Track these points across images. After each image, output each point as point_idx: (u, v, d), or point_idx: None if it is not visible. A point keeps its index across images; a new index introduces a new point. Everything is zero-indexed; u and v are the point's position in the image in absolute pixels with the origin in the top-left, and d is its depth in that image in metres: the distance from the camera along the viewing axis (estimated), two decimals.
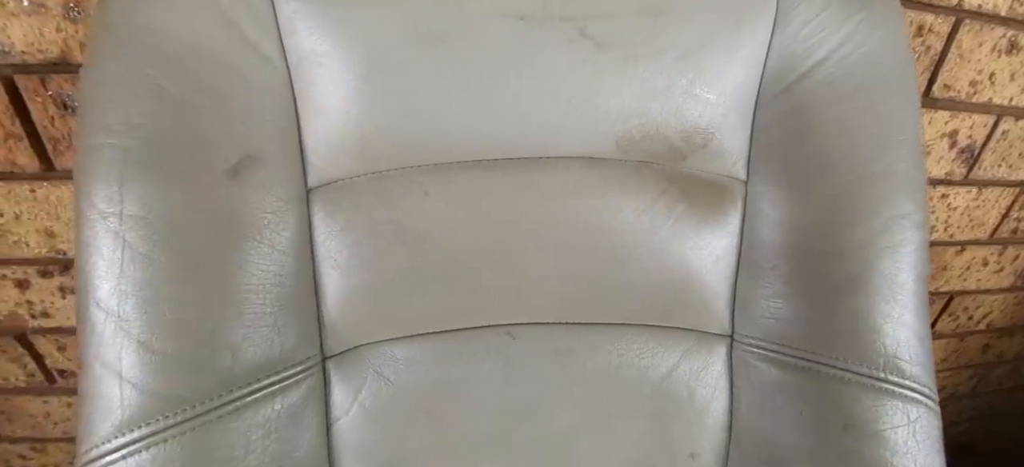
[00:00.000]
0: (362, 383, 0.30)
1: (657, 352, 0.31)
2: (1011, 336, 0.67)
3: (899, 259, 0.28)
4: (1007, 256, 0.59)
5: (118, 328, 0.23)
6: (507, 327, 0.30)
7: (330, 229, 0.28)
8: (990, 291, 0.61)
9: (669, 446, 0.32)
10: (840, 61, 0.28)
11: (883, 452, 0.28)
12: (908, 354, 0.28)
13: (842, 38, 0.28)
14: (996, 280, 0.60)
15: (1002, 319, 0.64)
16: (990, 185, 0.53)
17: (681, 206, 0.31)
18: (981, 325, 0.64)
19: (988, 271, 0.59)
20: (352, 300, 0.29)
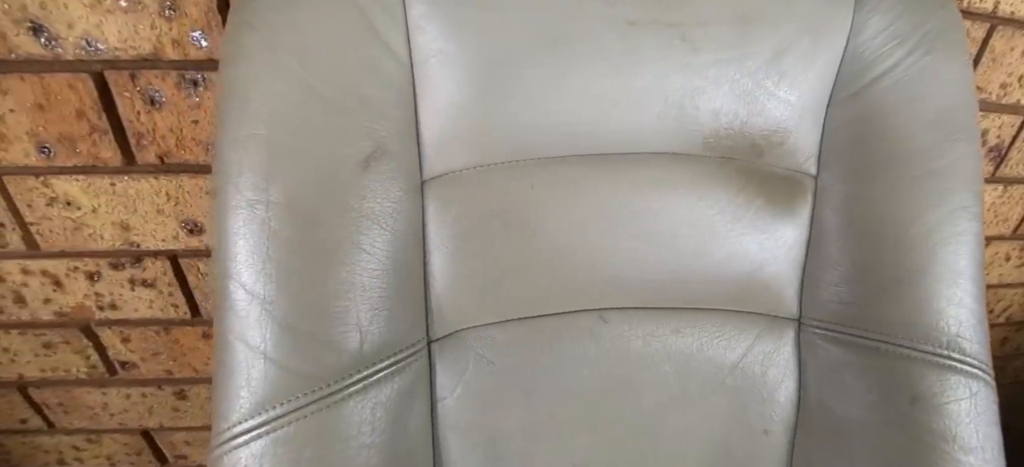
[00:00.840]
0: (465, 365, 0.32)
1: (734, 335, 0.34)
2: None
3: (960, 247, 0.31)
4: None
5: (263, 310, 0.25)
6: (599, 311, 0.33)
7: (443, 218, 0.30)
8: (1011, 285, 0.64)
9: (745, 423, 0.34)
10: (907, 68, 0.31)
11: (948, 422, 0.30)
12: (969, 333, 0.31)
13: (910, 47, 0.31)
14: (1017, 275, 0.64)
15: (1021, 313, 0.68)
16: (1015, 183, 0.56)
17: (759, 200, 0.33)
18: (1001, 318, 0.67)
19: (1010, 266, 0.63)
20: (458, 286, 0.31)
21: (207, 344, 0.52)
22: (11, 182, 0.42)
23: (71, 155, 0.41)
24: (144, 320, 0.50)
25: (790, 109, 0.32)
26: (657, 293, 0.33)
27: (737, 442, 0.34)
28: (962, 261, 0.31)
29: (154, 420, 0.57)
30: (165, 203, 0.44)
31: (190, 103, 0.39)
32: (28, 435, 0.58)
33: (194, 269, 0.47)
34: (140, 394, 0.55)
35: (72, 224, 0.44)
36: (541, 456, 0.32)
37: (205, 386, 0.55)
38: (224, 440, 0.25)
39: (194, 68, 0.38)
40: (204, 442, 0.60)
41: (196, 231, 0.45)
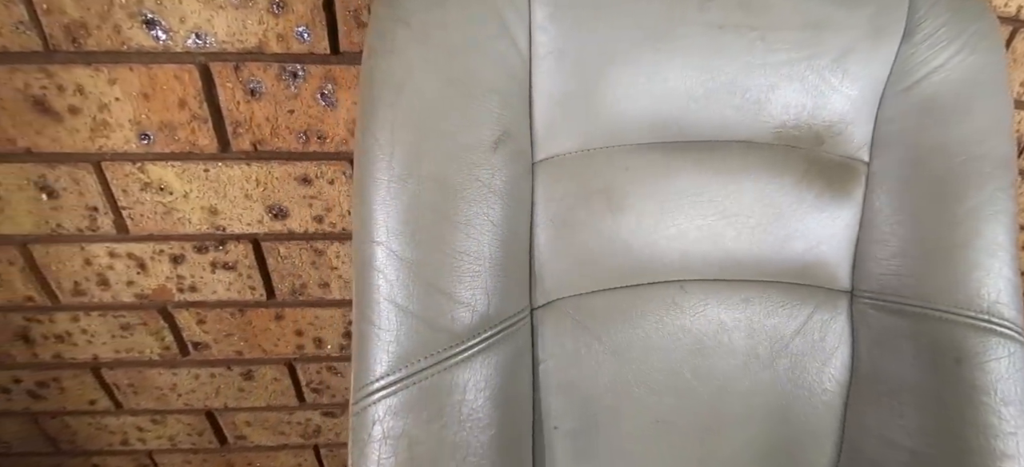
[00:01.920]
0: (564, 330, 0.35)
1: (796, 305, 0.38)
2: None
3: (999, 224, 0.35)
4: None
5: (412, 272, 0.28)
6: (680, 283, 0.36)
7: (550, 197, 0.33)
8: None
9: (805, 384, 0.38)
10: (954, 67, 0.35)
11: (989, 378, 0.35)
12: (1006, 300, 0.35)
13: (956, 49, 0.35)
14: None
15: None
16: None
17: (818, 184, 0.37)
18: None
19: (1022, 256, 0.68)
20: (558, 259, 0.34)
21: (279, 325, 0.54)
22: (109, 168, 0.45)
23: (170, 142, 0.44)
24: (221, 302, 0.52)
25: (850, 103, 0.36)
26: (730, 266, 0.37)
27: (797, 402, 0.38)
28: (1001, 236, 0.35)
29: (219, 400, 0.59)
30: (254, 189, 0.46)
31: (288, 94, 0.42)
32: (95, 416, 0.59)
33: (274, 252, 0.50)
34: (209, 374, 0.57)
35: (163, 209, 0.47)
36: (629, 413, 0.36)
37: (272, 367, 0.57)
38: (369, 392, 0.28)
39: (295, 61, 0.41)
40: (264, 423, 0.62)
41: (280, 216, 0.48)
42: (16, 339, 0.53)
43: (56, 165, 0.44)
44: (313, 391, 0.60)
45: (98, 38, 0.39)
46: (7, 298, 0.50)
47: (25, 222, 0.46)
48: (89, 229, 0.47)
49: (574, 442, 0.35)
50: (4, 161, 0.44)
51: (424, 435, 0.28)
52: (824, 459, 0.39)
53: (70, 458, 0.63)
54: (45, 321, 0.52)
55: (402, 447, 0.28)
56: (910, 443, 0.37)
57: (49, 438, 0.61)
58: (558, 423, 0.35)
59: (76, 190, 0.45)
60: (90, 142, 0.43)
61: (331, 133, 0.44)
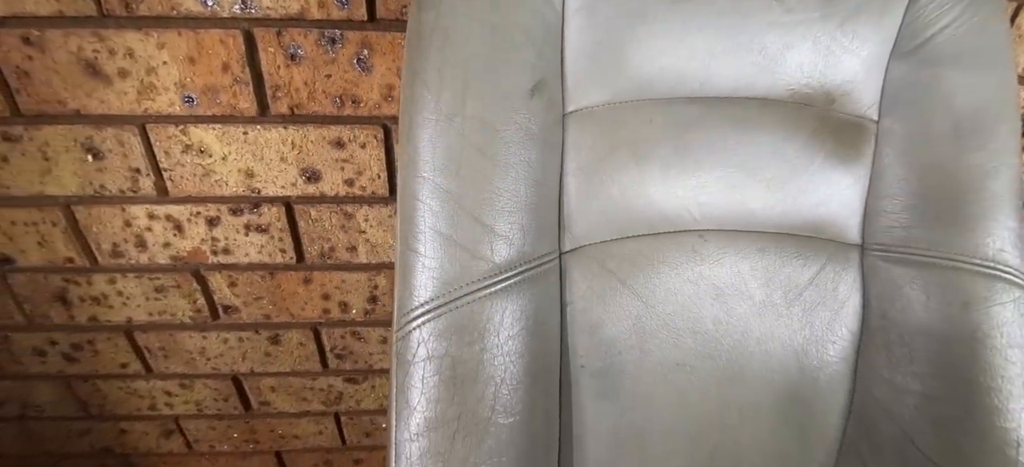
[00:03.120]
0: (590, 274, 0.37)
1: (809, 256, 0.40)
2: None
3: (1003, 178, 0.37)
4: None
5: (457, 204, 0.30)
6: (699, 232, 0.38)
7: (579, 146, 0.36)
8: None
9: (818, 332, 0.40)
10: (957, 27, 0.37)
11: (995, 322, 0.36)
12: (1010, 248, 0.37)
13: (959, 11, 0.37)
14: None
15: None
16: None
17: (830, 141, 0.39)
18: None
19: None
20: (586, 206, 0.37)
21: (306, 289, 0.56)
22: (153, 130, 0.47)
23: (212, 105, 0.46)
24: (252, 265, 0.54)
25: (860, 62, 0.38)
26: (746, 218, 0.39)
27: (811, 349, 0.40)
28: (1005, 189, 0.37)
29: (246, 365, 0.61)
30: (289, 152, 0.49)
31: (326, 58, 0.45)
32: (126, 380, 0.61)
33: (306, 215, 0.52)
34: (237, 338, 0.59)
35: (202, 171, 0.49)
36: (652, 355, 0.38)
37: (298, 331, 0.59)
38: (414, 316, 0.30)
39: (334, 27, 0.44)
40: (288, 389, 0.64)
41: (313, 179, 0.50)
42: (54, 301, 0.55)
43: (103, 127, 0.46)
44: (337, 357, 0.61)
45: (149, 3, 0.42)
46: (48, 259, 0.52)
47: (70, 183, 0.49)
48: (131, 191, 0.49)
49: (599, 381, 0.37)
50: (53, 122, 0.46)
51: (466, 356, 0.30)
52: (837, 405, 0.41)
53: (99, 422, 0.64)
54: (83, 283, 0.54)
55: (446, 366, 0.29)
56: (920, 386, 0.38)
57: (80, 402, 0.63)
58: (585, 362, 0.37)
59: (120, 152, 0.48)
60: (136, 104, 0.46)
61: (365, 97, 0.46)
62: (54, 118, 0.46)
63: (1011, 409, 0.36)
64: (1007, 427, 0.36)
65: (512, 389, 0.32)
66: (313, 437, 0.68)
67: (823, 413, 0.41)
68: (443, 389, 0.29)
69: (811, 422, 0.41)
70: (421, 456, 0.29)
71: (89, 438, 0.66)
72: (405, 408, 0.30)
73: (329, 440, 0.68)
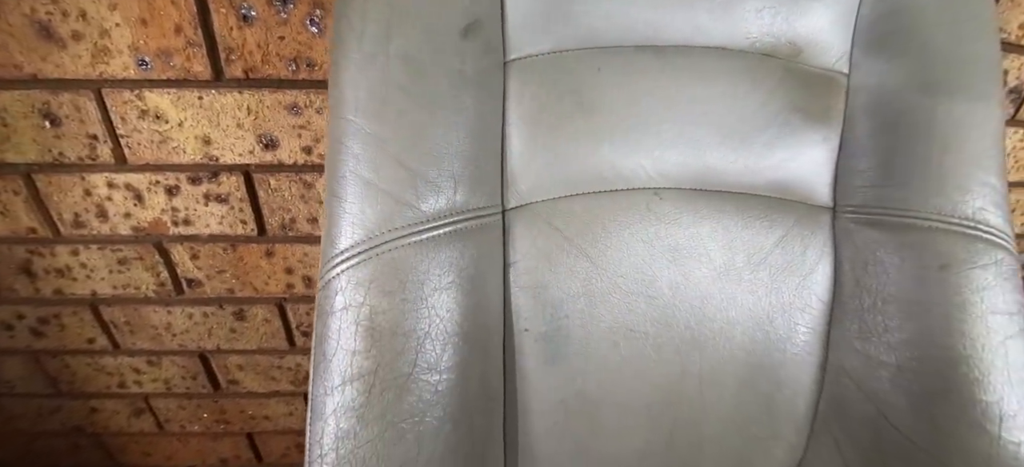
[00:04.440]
0: (536, 232, 0.35)
1: (775, 219, 0.37)
2: None
3: (984, 131, 0.34)
4: None
5: (378, 147, 0.29)
6: (656, 189, 0.36)
7: (520, 96, 0.34)
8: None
9: (785, 299, 0.37)
10: None
11: (975, 284, 0.34)
12: (991, 207, 0.34)
13: None
14: None
15: None
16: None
17: (796, 95, 0.37)
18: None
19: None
20: (531, 161, 0.35)
21: (269, 262, 0.55)
22: (109, 95, 0.47)
23: (166, 68, 0.46)
24: (213, 236, 0.54)
25: (827, 10, 0.36)
26: (706, 175, 0.37)
27: (778, 317, 0.37)
28: (986, 143, 0.35)
29: (212, 341, 0.60)
30: (245, 117, 0.48)
31: (279, 20, 0.44)
32: (94, 356, 0.61)
33: (265, 184, 0.51)
34: (202, 313, 0.58)
35: (159, 137, 0.48)
36: (603, 318, 0.36)
37: (262, 307, 0.58)
38: (335, 264, 0.29)
39: None
40: (255, 368, 0.63)
41: (271, 146, 0.49)
42: (19, 273, 0.55)
43: (59, 92, 0.46)
44: (303, 334, 0.60)
45: None
46: (11, 229, 0.52)
47: (30, 150, 0.49)
48: (89, 158, 0.49)
49: (544, 346, 0.35)
50: (11, 87, 0.46)
51: (385, 306, 0.28)
52: (807, 378, 0.38)
53: (70, 400, 0.64)
54: (47, 254, 0.54)
55: (363, 316, 0.28)
56: (894, 358, 0.36)
57: (50, 378, 0.63)
58: (529, 326, 0.35)
59: (77, 118, 0.47)
60: (91, 68, 0.45)
61: (320, 60, 0.45)
62: (11, 83, 0.46)
63: (992, 381, 0.33)
64: (988, 400, 0.33)
65: (439, 346, 0.30)
66: (284, 418, 0.67)
67: (792, 387, 0.38)
68: (359, 341, 0.28)
69: (779, 395, 0.38)
70: (335, 410, 0.27)
71: (60, 416, 0.66)
72: (322, 361, 0.28)
73: (299, 422, 0.67)
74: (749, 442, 0.39)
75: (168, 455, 0.71)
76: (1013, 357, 0.33)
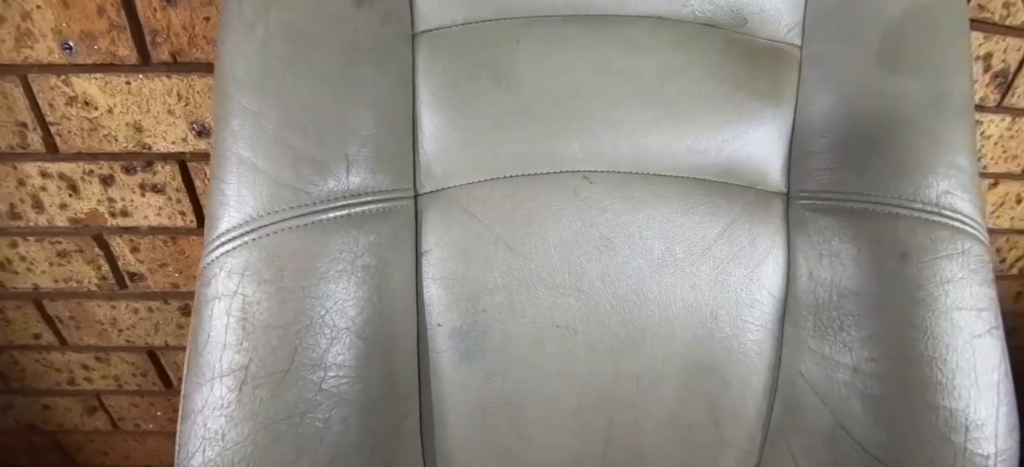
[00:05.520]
0: (451, 220, 0.32)
1: (719, 205, 0.34)
2: None
3: (950, 104, 0.31)
4: None
5: (257, 123, 0.26)
6: (585, 173, 0.33)
7: (431, 70, 0.31)
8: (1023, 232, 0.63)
9: (732, 295, 0.34)
10: None
11: (939, 277, 0.30)
12: (958, 190, 0.31)
13: None
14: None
15: None
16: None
17: (742, 69, 0.34)
18: (1014, 270, 0.65)
19: (1022, 209, 0.61)
20: (446, 142, 0.32)
21: None
22: (35, 81, 0.45)
23: (91, 53, 0.44)
24: (153, 228, 0.52)
25: None
26: (641, 158, 0.33)
27: (723, 310, 0.34)
28: (952, 116, 0.31)
29: (160, 337, 0.58)
30: (176, 104, 0.46)
31: (203, 0, 0.42)
32: (41, 351, 0.60)
33: (201, 174, 0.49)
34: (147, 308, 0.57)
35: (89, 125, 0.47)
36: (525, 313, 0.33)
37: None
38: (214, 247, 0.26)
39: None
40: None
41: (204, 134, 0.47)
42: None
43: None
44: None
45: None
46: None
47: None
48: (20, 147, 0.47)
49: (459, 342, 0.32)
50: None
51: (260, 296, 0.26)
52: (758, 382, 0.35)
53: (22, 398, 0.63)
54: None
55: (236, 307, 0.25)
56: (852, 359, 0.32)
57: (0, 375, 0.61)
58: (441, 320, 0.32)
59: (5, 105, 0.46)
60: (16, 53, 0.44)
61: None
62: None
63: (958, 385, 0.29)
64: (953, 407, 0.29)
65: (325, 340, 0.27)
66: None
67: (739, 390, 0.35)
68: (231, 333, 0.25)
69: (725, 399, 0.35)
70: (202, 409, 0.25)
71: (13, 413, 0.65)
72: (194, 355, 0.26)
73: None
74: (695, 449, 0.36)
75: (125, 454, 0.69)
76: (981, 359, 0.29)
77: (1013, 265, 0.65)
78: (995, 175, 0.58)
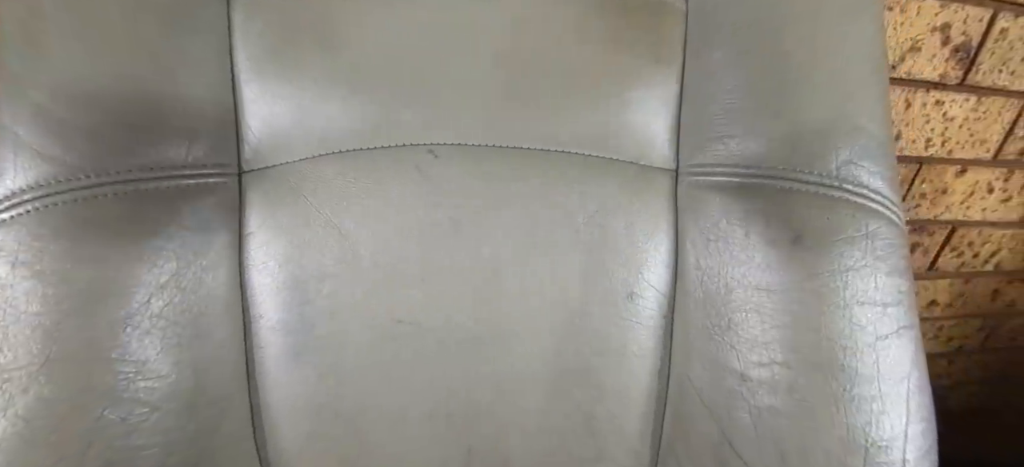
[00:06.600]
0: (278, 200, 0.28)
1: (590, 182, 0.29)
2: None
3: (850, 48, 0.26)
4: (1015, 182, 0.54)
5: (20, 90, 0.23)
6: (429, 146, 0.29)
7: (248, 32, 0.27)
8: (997, 224, 0.56)
9: (604, 284, 0.29)
10: None
11: (836, 264, 0.25)
12: (865, 160, 0.25)
13: None
14: (1004, 211, 0.55)
15: (1012, 261, 0.59)
16: (991, 94, 0.49)
17: (616, 23, 0.29)
18: (988, 265, 0.58)
19: (994, 199, 0.54)
20: (270, 114, 0.28)
21: None
22: None
23: None
24: None
25: None
26: (497, 129, 0.29)
27: (595, 305, 0.29)
28: (859, 70, 0.26)
29: None
30: None
31: None
32: None
33: None
34: None
35: None
36: (360, 306, 0.28)
37: None
38: None
39: None
40: None
41: None
42: None
43: None
44: None
45: None
46: None
47: None
48: None
49: (285, 337, 0.28)
50: None
51: (12, 280, 0.22)
52: (638, 386, 0.30)
53: None
54: None
55: None
56: (740, 364, 0.27)
57: None
58: (262, 312, 0.28)
59: None
60: None
61: None
62: None
63: (859, 396, 0.24)
64: (851, 423, 0.24)
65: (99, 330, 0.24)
66: None
67: (617, 398, 0.30)
68: None
69: (600, 408, 0.30)
70: None
71: None
72: None
73: None
74: (572, 465, 0.31)
75: None
76: (887, 365, 0.24)
77: (987, 261, 0.58)
78: (963, 161, 0.51)
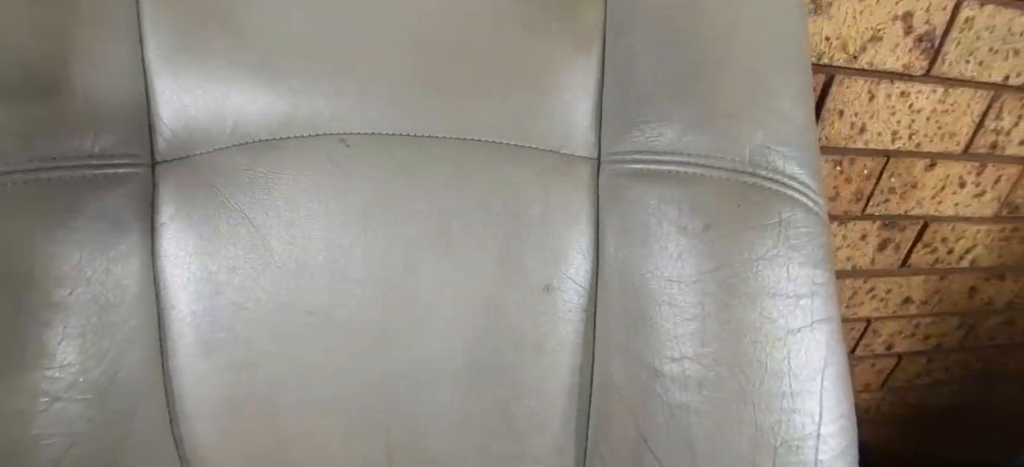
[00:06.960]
0: (190, 191, 0.28)
1: (507, 171, 0.28)
2: (1001, 280, 0.59)
3: (767, 28, 0.25)
4: (987, 177, 0.52)
5: None
6: (341, 135, 0.28)
7: (157, 19, 0.27)
8: (971, 219, 0.53)
9: (520, 275, 0.28)
10: None
11: (748, 251, 0.24)
12: (780, 144, 0.24)
13: None
14: (977, 206, 0.53)
15: (988, 257, 0.56)
16: (957, 85, 0.47)
17: (533, 5, 0.28)
18: (964, 262, 0.56)
19: (966, 194, 0.52)
20: (181, 103, 0.28)
21: None
22: None
23: None
24: None
25: None
26: (410, 116, 0.28)
27: (511, 299, 0.28)
28: (776, 50, 0.25)
29: None
30: None
31: None
32: None
33: None
34: None
35: None
36: (268, 298, 0.28)
37: None
38: None
39: None
40: None
41: None
42: None
43: None
44: None
45: None
46: None
47: None
48: None
49: (195, 330, 0.28)
50: None
51: None
52: (557, 383, 0.29)
53: None
54: None
55: None
56: (655, 360, 0.26)
57: None
58: (174, 303, 0.28)
59: None
60: None
61: None
62: None
63: (769, 392, 0.23)
64: (762, 422, 0.23)
65: None
66: None
67: (537, 396, 0.29)
68: None
69: (518, 406, 0.29)
70: None
71: None
72: None
73: None
74: (495, 463, 0.30)
75: None
76: (798, 360, 0.23)
77: (962, 257, 0.56)
78: (932, 155, 0.49)
